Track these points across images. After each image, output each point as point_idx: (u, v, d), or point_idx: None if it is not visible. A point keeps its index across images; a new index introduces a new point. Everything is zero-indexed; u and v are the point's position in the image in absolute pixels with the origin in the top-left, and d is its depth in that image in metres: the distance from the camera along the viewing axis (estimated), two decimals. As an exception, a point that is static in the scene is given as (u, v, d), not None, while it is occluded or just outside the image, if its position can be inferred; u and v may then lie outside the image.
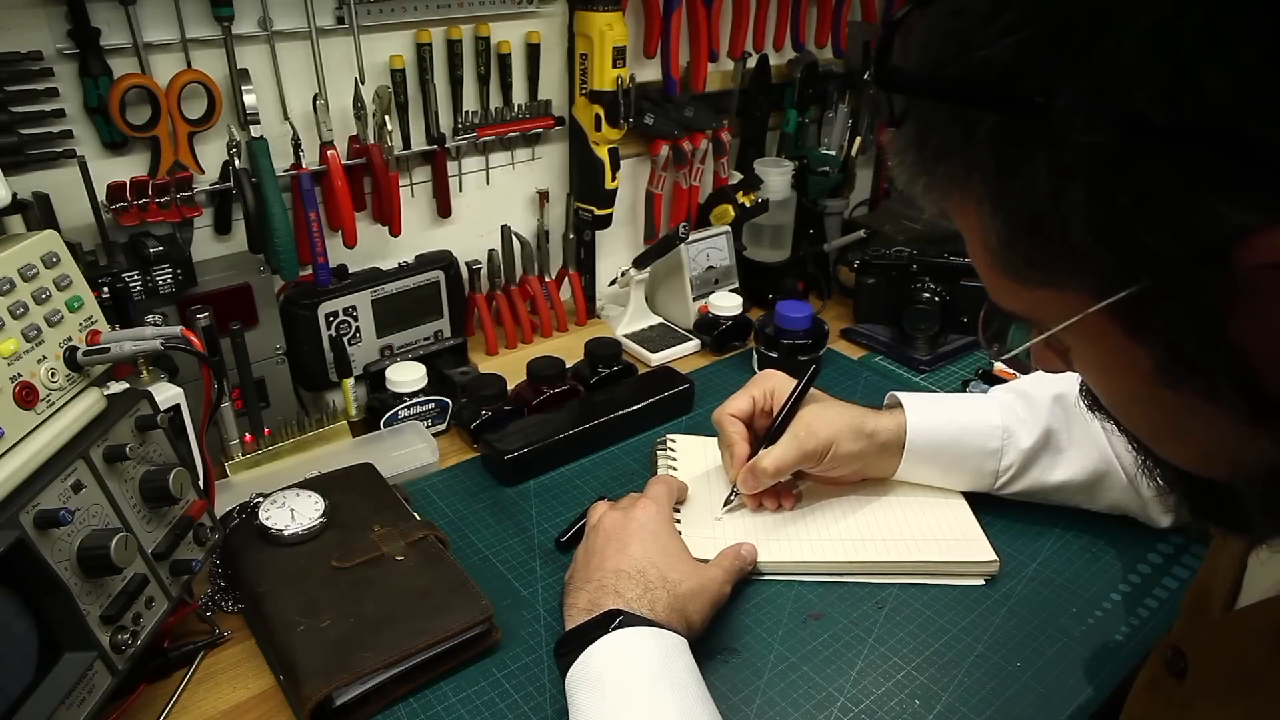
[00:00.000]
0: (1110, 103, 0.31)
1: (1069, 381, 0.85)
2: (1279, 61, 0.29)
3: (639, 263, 1.23)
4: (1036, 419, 0.83)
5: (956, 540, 0.81)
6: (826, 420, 0.82)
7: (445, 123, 1.10)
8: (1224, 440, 0.39)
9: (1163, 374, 0.37)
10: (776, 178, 1.29)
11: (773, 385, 0.87)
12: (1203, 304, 0.33)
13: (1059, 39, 0.32)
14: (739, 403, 0.87)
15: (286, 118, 0.97)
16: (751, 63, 1.34)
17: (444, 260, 1.10)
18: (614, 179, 1.19)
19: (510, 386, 1.03)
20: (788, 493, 0.86)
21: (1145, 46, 0.30)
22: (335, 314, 1.02)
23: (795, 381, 0.86)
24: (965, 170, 0.37)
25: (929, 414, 0.84)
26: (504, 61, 1.11)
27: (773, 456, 0.81)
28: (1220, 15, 0.29)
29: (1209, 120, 0.30)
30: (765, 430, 0.85)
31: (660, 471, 0.92)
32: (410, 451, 0.97)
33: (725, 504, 0.86)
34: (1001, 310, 0.43)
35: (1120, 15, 0.30)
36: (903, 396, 0.86)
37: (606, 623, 0.64)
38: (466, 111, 1.11)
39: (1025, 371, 0.91)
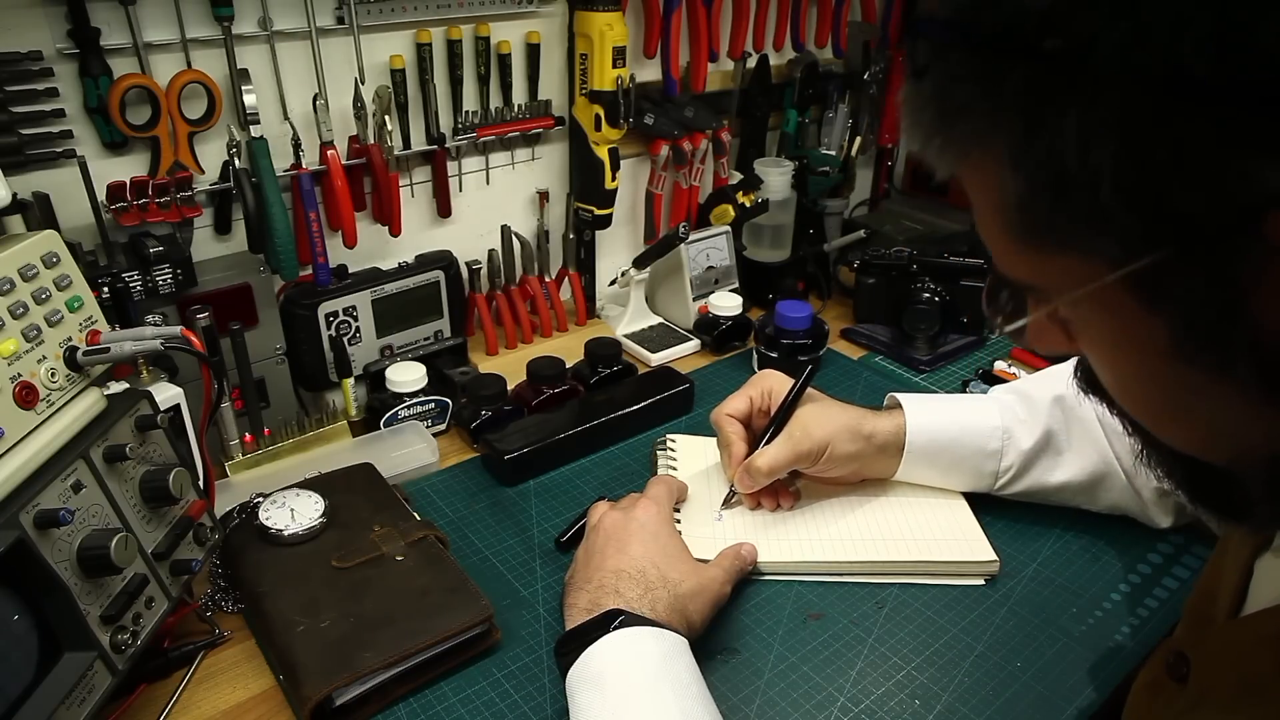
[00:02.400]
0: (1153, 54, 0.30)
1: (1069, 383, 0.85)
2: None
3: (639, 263, 1.23)
4: (1036, 420, 0.83)
5: (956, 540, 0.81)
6: (823, 421, 0.82)
7: (445, 123, 1.10)
8: (1231, 421, 0.38)
9: (1177, 348, 0.35)
10: (776, 178, 1.29)
11: (770, 385, 0.87)
12: (1227, 274, 0.32)
13: None
14: (736, 403, 0.87)
15: (286, 118, 0.97)
16: (751, 63, 1.34)
17: (444, 260, 1.10)
18: (614, 179, 1.19)
19: (510, 386, 1.03)
20: (786, 491, 0.86)
21: None
22: (335, 314, 1.02)
23: (793, 381, 0.86)
24: (989, 125, 0.35)
25: (928, 415, 0.84)
26: (504, 61, 1.11)
27: (768, 456, 0.81)
28: None
29: (1255, 76, 0.29)
30: (763, 430, 0.85)
31: (660, 471, 0.92)
32: (410, 451, 0.97)
33: (724, 503, 0.86)
34: (1009, 281, 0.41)
35: None
36: (902, 398, 0.86)
37: (607, 623, 0.64)
38: (466, 111, 1.11)
39: (1029, 348, 0.88)
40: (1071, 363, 0.48)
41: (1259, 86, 0.29)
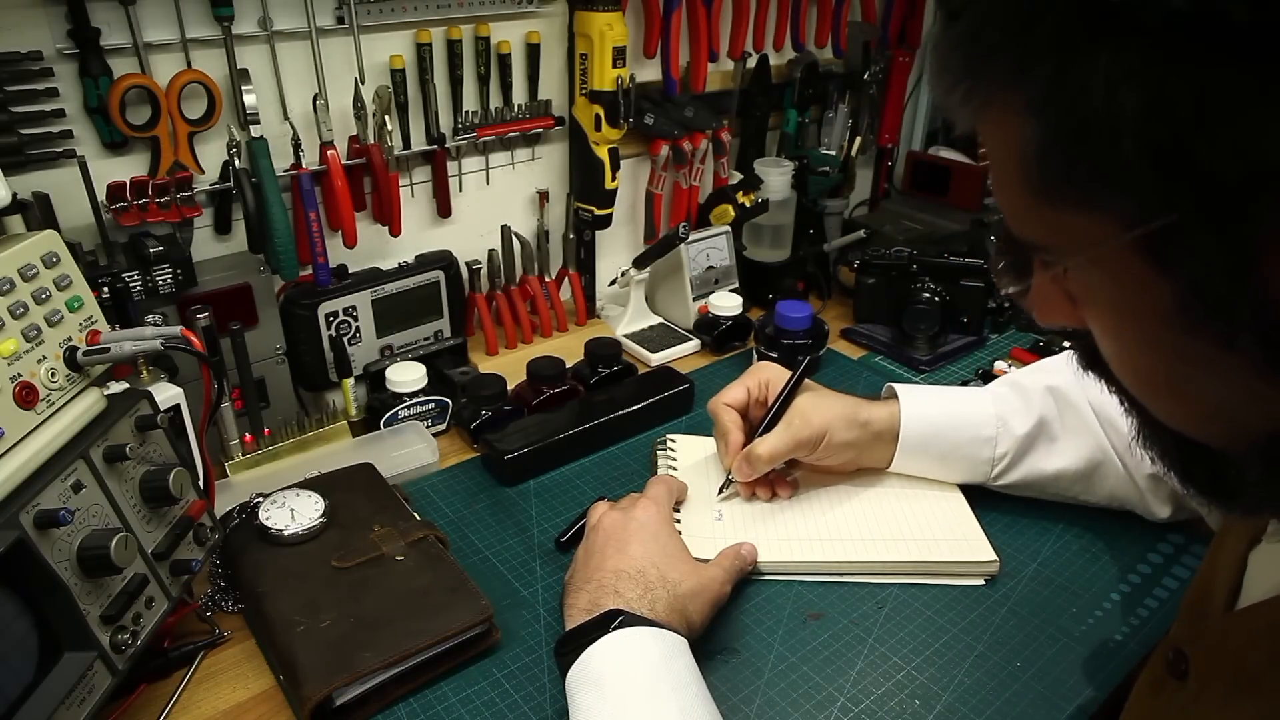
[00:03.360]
0: None
1: (1061, 372, 0.85)
2: None
3: (639, 263, 1.23)
4: (1030, 408, 0.84)
5: (956, 540, 0.81)
6: (820, 409, 0.83)
7: (445, 123, 1.10)
8: (1231, 397, 0.37)
9: (1184, 314, 0.35)
10: (776, 178, 1.29)
11: (768, 376, 0.88)
12: (1241, 238, 0.32)
13: None
14: (734, 392, 0.87)
15: (286, 118, 0.97)
16: (751, 63, 1.34)
17: (444, 260, 1.10)
18: (614, 179, 1.19)
19: (510, 386, 1.03)
20: (783, 481, 0.87)
21: None
22: (335, 314, 1.02)
23: (790, 373, 0.87)
24: (1016, 69, 0.34)
25: (923, 403, 0.85)
26: (504, 61, 1.11)
27: (767, 444, 0.82)
28: None
29: None
30: (760, 420, 0.85)
31: (660, 471, 0.92)
32: (410, 451, 0.97)
33: (720, 492, 0.86)
34: (1019, 242, 0.41)
35: None
36: (898, 387, 0.87)
37: (607, 623, 0.64)
38: (466, 111, 1.11)
39: (1037, 329, 0.87)
40: (1063, 356, 0.48)
41: None
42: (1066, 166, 0.35)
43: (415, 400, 1.00)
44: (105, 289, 0.83)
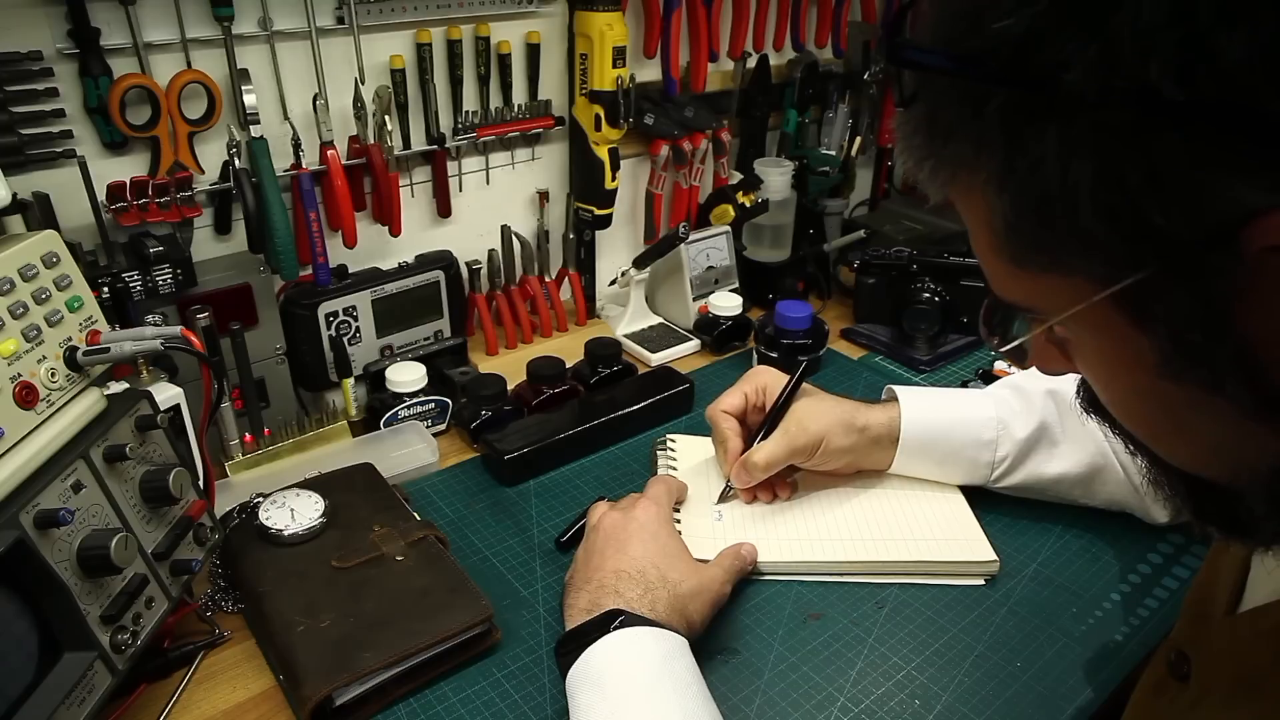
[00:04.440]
0: (1122, 76, 0.30)
1: (1062, 378, 0.85)
2: None
3: (639, 263, 1.23)
4: (1030, 411, 0.83)
5: (957, 540, 0.81)
6: (817, 415, 0.83)
7: (445, 123, 1.10)
8: (1227, 437, 0.38)
9: (1167, 365, 0.36)
10: (776, 178, 1.29)
11: (765, 381, 0.88)
12: (1209, 291, 0.33)
13: (1073, 10, 0.31)
14: (731, 399, 0.87)
15: (286, 118, 0.97)
16: (751, 63, 1.34)
17: (444, 260, 1.10)
18: (614, 179, 1.19)
19: (510, 386, 1.03)
20: (783, 482, 0.87)
21: (1159, 17, 0.29)
22: (335, 314, 1.02)
23: (787, 377, 0.87)
24: (974, 149, 0.36)
25: (923, 407, 0.85)
26: (504, 61, 1.11)
27: (764, 452, 0.82)
28: None
29: (1223, 95, 0.29)
30: (758, 426, 0.85)
31: (660, 471, 0.92)
32: (410, 451, 0.97)
33: (720, 498, 0.86)
34: (1004, 303, 0.42)
35: None
36: (898, 390, 0.87)
37: (607, 623, 0.64)
38: (466, 111, 1.11)
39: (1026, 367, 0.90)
40: None
41: (1225, 106, 0.29)
42: (1034, 236, 0.36)
43: (415, 400, 1.00)
44: (105, 289, 0.83)
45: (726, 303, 1.20)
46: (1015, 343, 0.45)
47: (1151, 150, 0.31)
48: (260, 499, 0.80)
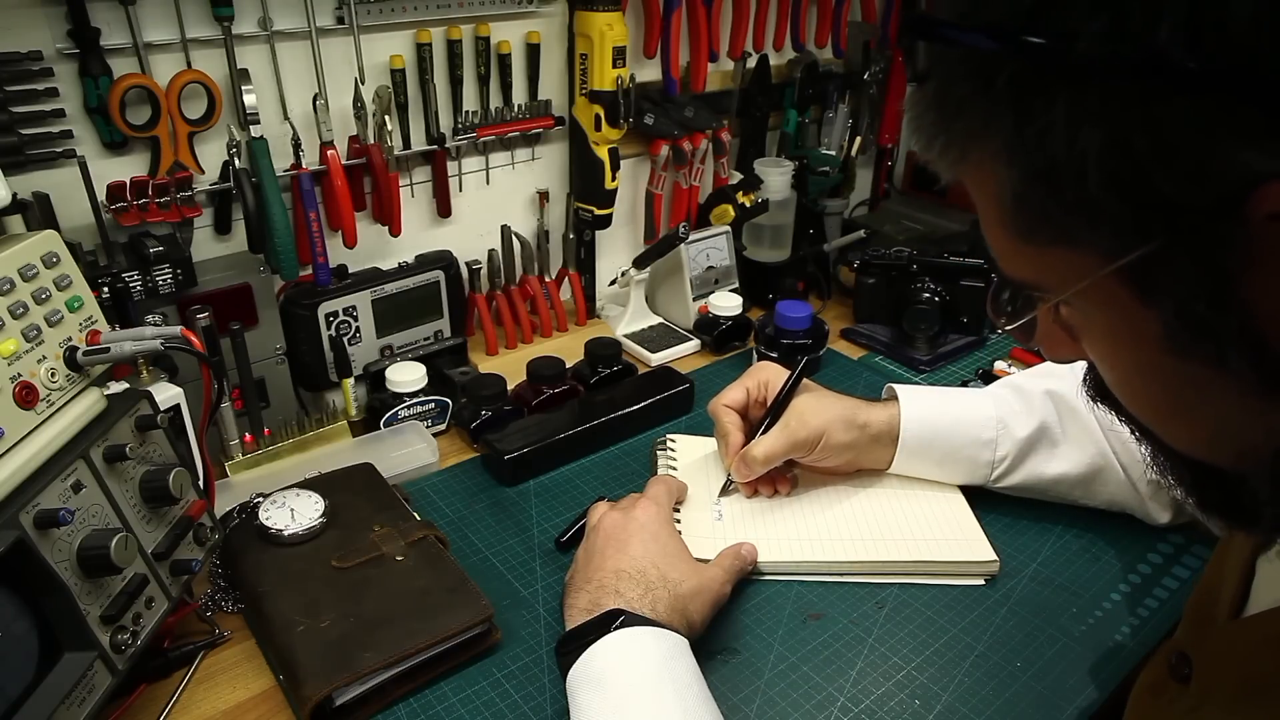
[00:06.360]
0: (1131, 43, 0.30)
1: (1062, 377, 0.85)
2: None
3: (639, 263, 1.23)
4: (1030, 411, 0.84)
5: (957, 540, 0.81)
6: (818, 410, 0.83)
7: (445, 123, 1.10)
8: (1232, 417, 0.38)
9: (1172, 340, 0.36)
10: (776, 178, 1.29)
11: (767, 377, 0.88)
12: (1215, 261, 0.33)
13: None
14: (734, 394, 0.88)
15: (286, 118, 0.97)
16: (751, 63, 1.34)
17: (444, 260, 1.10)
18: (614, 179, 1.19)
19: (510, 386, 1.03)
20: (783, 477, 0.87)
21: None
22: (335, 314, 1.02)
23: (789, 373, 0.87)
24: (984, 121, 0.36)
25: (923, 406, 0.85)
26: (504, 61, 1.11)
27: (764, 445, 0.82)
28: None
29: (1232, 61, 0.29)
30: (759, 420, 0.85)
31: (660, 471, 0.92)
32: (410, 451, 0.97)
33: (721, 492, 0.86)
34: (1012, 282, 0.43)
35: None
36: (899, 389, 0.87)
37: (607, 623, 0.64)
38: (466, 111, 1.11)
39: (1032, 347, 0.90)
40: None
41: (1233, 73, 0.29)
42: (1042, 207, 0.37)
43: (415, 400, 1.00)
44: (105, 289, 0.83)
45: (726, 303, 1.20)
46: (1021, 321, 0.45)
47: (1159, 117, 0.31)
48: (260, 499, 0.80)
